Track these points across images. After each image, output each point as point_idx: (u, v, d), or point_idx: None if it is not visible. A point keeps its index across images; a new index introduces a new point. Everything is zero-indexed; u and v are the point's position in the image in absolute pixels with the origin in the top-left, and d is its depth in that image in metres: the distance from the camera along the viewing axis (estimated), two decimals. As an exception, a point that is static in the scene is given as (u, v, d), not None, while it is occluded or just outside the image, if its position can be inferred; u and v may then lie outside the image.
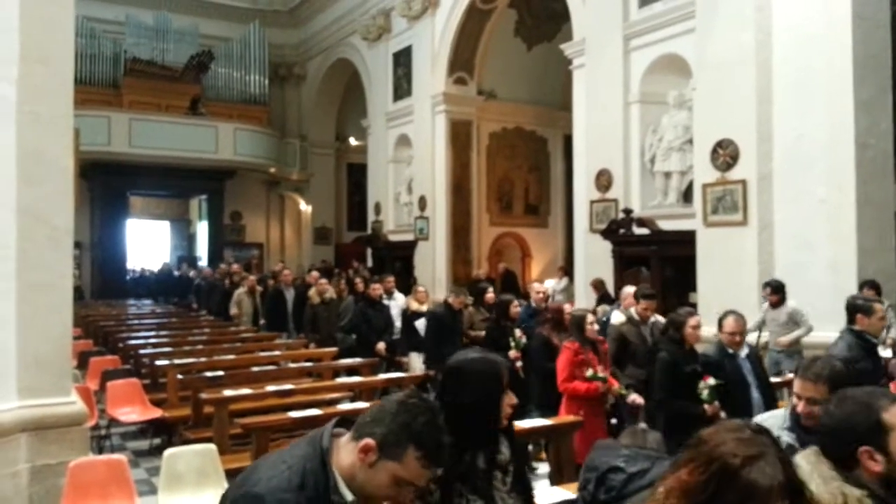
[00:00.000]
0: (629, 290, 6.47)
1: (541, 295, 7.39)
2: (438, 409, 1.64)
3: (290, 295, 10.56)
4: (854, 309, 4.30)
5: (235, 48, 19.33)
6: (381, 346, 7.86)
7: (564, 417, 4.90)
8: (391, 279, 9.43)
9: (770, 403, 4.24)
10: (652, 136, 9.66)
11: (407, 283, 10.97)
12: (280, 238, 20.79)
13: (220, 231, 19.40)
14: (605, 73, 10.04)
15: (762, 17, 7.78)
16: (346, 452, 1.59)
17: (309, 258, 19.50)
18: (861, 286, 6.88)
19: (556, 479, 4.60)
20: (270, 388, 6.14)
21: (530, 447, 5.81)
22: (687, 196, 9.19)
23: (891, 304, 6.98)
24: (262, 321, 10.79)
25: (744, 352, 4.33)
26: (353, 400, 6.48)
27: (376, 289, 8.41)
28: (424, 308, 8.34)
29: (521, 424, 4.68)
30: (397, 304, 8.88)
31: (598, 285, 9.65)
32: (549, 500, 3.31)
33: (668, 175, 9.51)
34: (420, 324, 7.93)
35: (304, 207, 20.54)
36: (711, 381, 4.21)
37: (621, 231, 9.67)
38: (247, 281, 11.35)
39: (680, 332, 4.52)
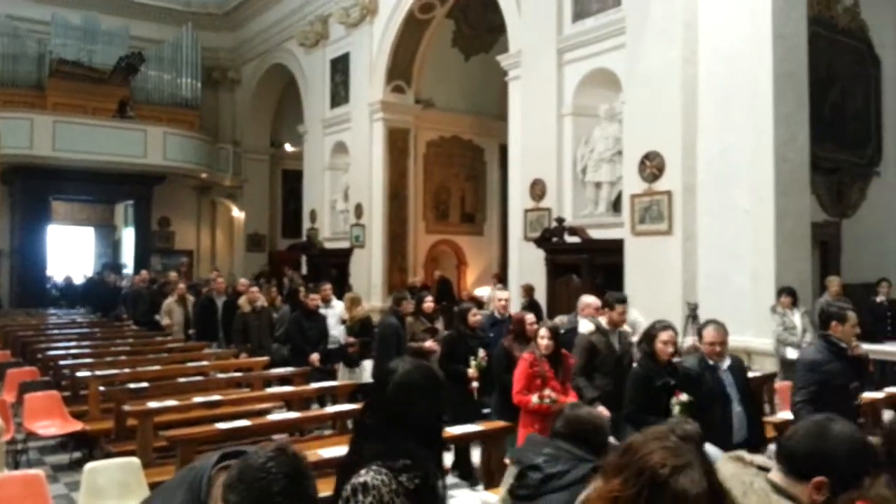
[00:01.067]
0: (588, 299, 6.23)
1: (502, 303, 7.10)
2: (303, 469, 1.46)
3: (221, 303, 10.30)
4: (829, 317, 4.39)
5: (167, 50, 18.81)
6: (314, 357, 7.64)
7: (496, 423, 4.94)
8: (328, 287, 9.28)
9: (754, 417, 4.15)
10: (584, 148, 9.89)
11: (342, 291, 10.83)
12: (211, 245, 20.29)
13: (148, 237, 18.78)
14: (539, 85, 10.23)
15: (688, 34, 8.09)
16: None
17: (241, 265, 19.08)
18: (779, 293, 7.22)
19: (487, 483, 4.63)
20: (197, 399, 5.97)
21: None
22: (616, 206, 9.44)
23: (806, 310, 7.34)
24: (191, 331, 10.49)
25: (725, 363, 4.14)
26: (287, 409, 6.37)
27: (314, 299, 8.21)
28: (345, 316, 8.39)
29: (454, 430, 4.70)
30: (335, 312, 8.66)
31: (527, 290, 9.80)
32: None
33: (598, 185, 9.74)
34: (339, 332, 8.03)
35: (237, 214, 20.12)
36: (683, 397, 4.08)
37: (554, 239, 9.84)
38: (177, 289, 11.03)
39: (651, 345, 4.39)
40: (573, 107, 9.92)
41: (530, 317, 5.60)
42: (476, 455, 5.62)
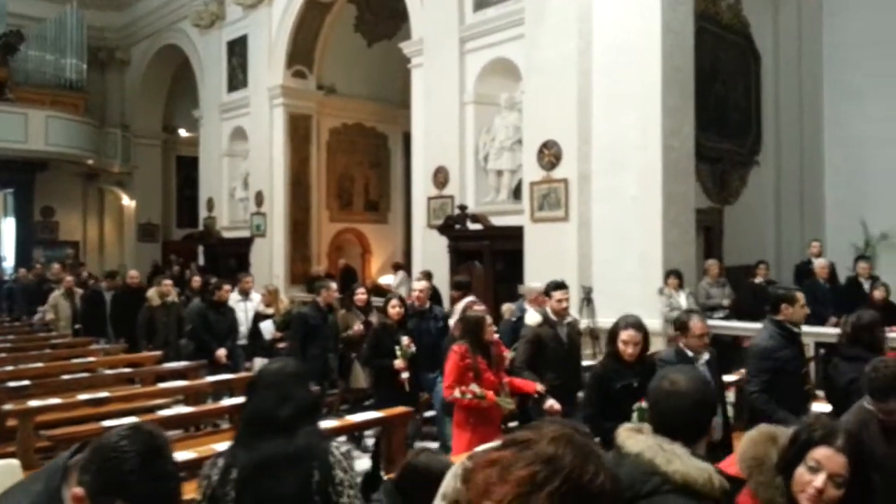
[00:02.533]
0: (533, 285, 5.89)
1: (419, 294, 6.64)
2: (158, 447, 1.43)
3: (108, 297, 9.81)
4: (778, 299, 4.24)
5: (49, 29, 17.53)
6: (221, 352, 7.26)
7: (395, 410, 4.95)
8: (249, 278, 8.82)
9: (723, 415, 3.89)
10: (485, 136, 10.02)
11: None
12: (99, 236, 19.23)
13: (30, 228, 17.59)
14: (441, 73, 10.27)
15: (583, 27, 8.33)
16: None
17: (133, 257, 18.19)
18: (666, 276, 7.60)
19: (388, 469, 4.64)
20: (83, 396, 5.67)
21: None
22: (517, 193, 9.63)
23: (690, 291, 7.77)
24: (78, 325, 9.93)
25: (704, 357, 3.86)
26: (185, 404, 6.15)
27: (227, 290, 7.68)
28: (270, 310, 7.83)
29: (354, 417, 4.68)
30: (254, 305, 8.28)
31: (426, 277, 9.87)
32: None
33: (500, 173, 9.91)
34: (266, 326, 7.43)
35: (128, 202, 19.14)
36: (645, 404, 3.67)
37: (457, 227, 9.94)
38: (64, 282, 10.37)
39: (614, 344, 3.97)
40: (475, 95, 10.02)
41: (489, 318, 5.04)
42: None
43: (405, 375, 5.49)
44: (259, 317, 7.57)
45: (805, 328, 7.66)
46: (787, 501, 1.84)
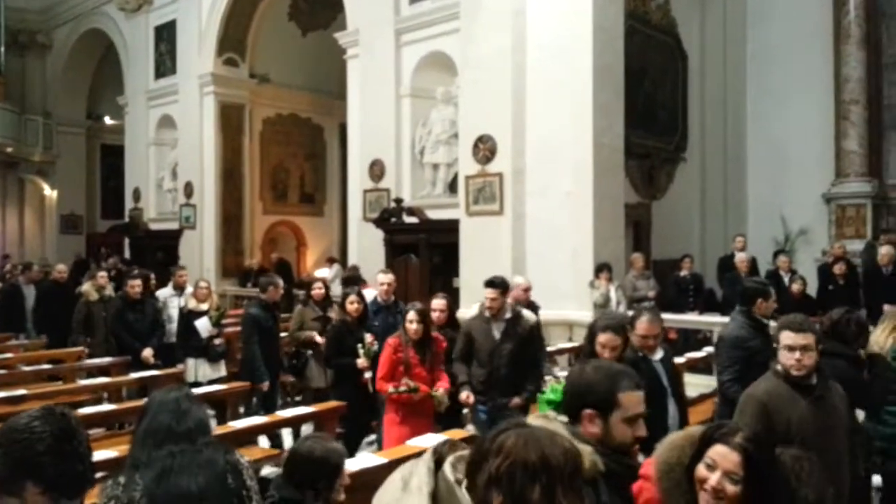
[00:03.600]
0: (517, 280, 5.73)
1: (386, 287, 6.31)
2: (72, 428, 1.42)
3: (29, 291, 9.33)
4: (755, 293, 4.36)
5: (-39, 8, 16.61)
6: (147, 352, 6.86)
7: (328, 404, 4.92)
8: (184, 272, 8.33)
9: (683, 412, 3.76)
10: (422, 129, 10.02)
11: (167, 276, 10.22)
12: (18, 227, 18.32)
13: (-57, 219, 16.64)
14: (378, 65, 10.20)
15: (518, 23, 8.41)
16: None
17: (55, 249, 17.43)
18: (597, 269, 7.78)
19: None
20: (0, 394, 5.41)
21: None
22: (453, 187, 9.67)
23: (619, 284, 7.99)
24: None
25: (658, 355, 3.73)
26: (108, 402, 5.94)
27: (134, 286, 7.12)
28: (205, 306, 7.08)
29: (284, 413, 4.62)
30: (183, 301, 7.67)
31: (352, 271, 9.90)
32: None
33: (436, 167, 9.92)
34: (202, 324, 6.79)
35: (49, 192, 18.31)
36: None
37: (393, 220, 9.92)
38: None
39: (592, 346, 3.65)
40: (411, 88, 10.00)
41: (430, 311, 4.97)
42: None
43: (368, 375, 5.21)
44: (192, 314, 6.92)
45: (725, 319, 8.04)
46: (692, 500, 1.88)
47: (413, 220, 9.73)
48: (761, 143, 12.17)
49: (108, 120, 18.52)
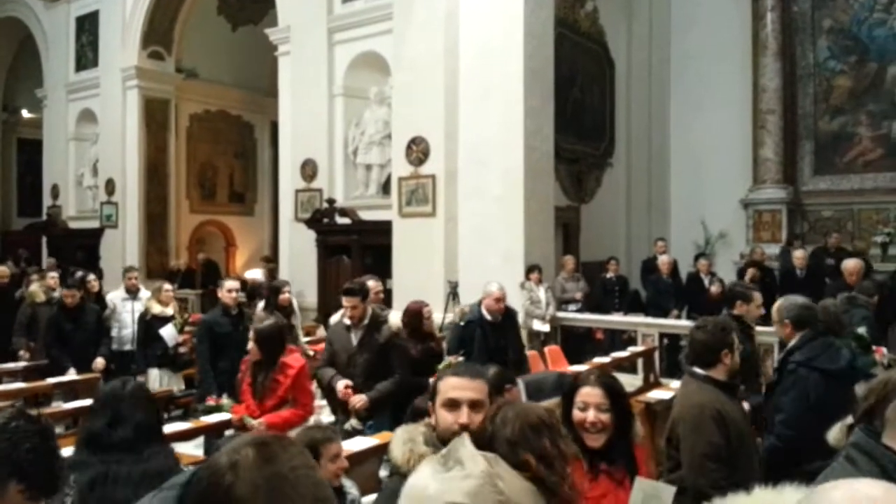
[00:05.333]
0: (490, 288, 5.35)
1: (376, 294, 5.78)
2: (50, 428, 1.47)
3: None
4: (734, 296, 4.46)
5: None
6: (98, 362, 6.38)
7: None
8: (135, 273, 7.67)
9: None
10: (355, 130, 9.96)
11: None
12: (-76, 224, 17.26)
13: None
14: (310, 63, 10.08)
15: (450, 25, 8.47)
16: None
17: (-35, 248, 16.48)
18: (528, 271, 7.92)
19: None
20: None
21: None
22: (386, 188, 9.65)
23: (549, 286, 8.15)
24: None
25: None
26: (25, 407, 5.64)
27: (70, 295, 6.50)
28: (170, 311, 6.59)
29: (209, 419, 4.52)
30: (140, 306, 7.10)
31: (269, 271, 10.17)
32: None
33: (369, 167, 9.88)
34: (168, 331, 6.34)
35: (-40, 188, 17.31)
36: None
37: (325, 220, 9.83)
38: None
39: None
40: (344, 88, 9.93)
41: (427, 309, 4.98)
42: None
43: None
44: (156, 320, 6.39)
45: (649, 319, 8.34)
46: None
47: (345, 221, 9.67)
48: (684, 150, 12.64)
49: (25, 113, 17.62)
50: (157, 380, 6.26)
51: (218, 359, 5.45)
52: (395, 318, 4.68)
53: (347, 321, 4.60)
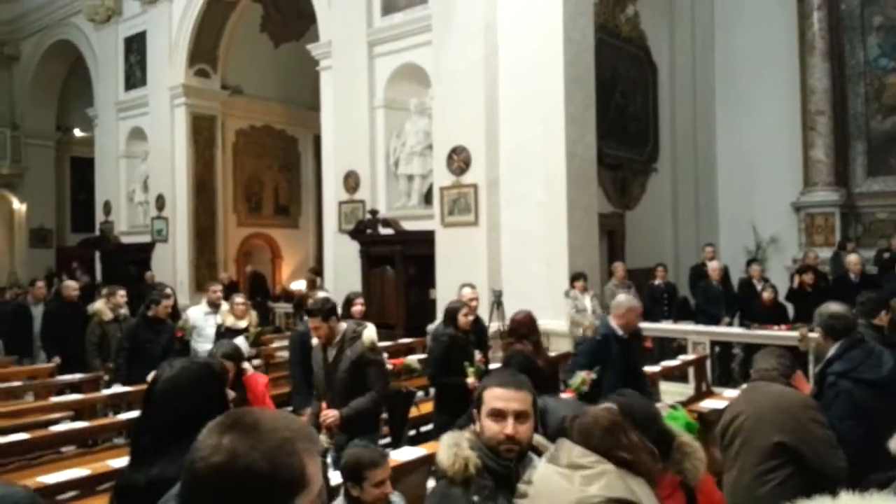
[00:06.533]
0: (621, 298, 4.90)
1: (475, 302, 5.80)
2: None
3: (38, 312, 8.54)
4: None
5: (-75, 19, 16.29)
6: None
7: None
8: (218, 287, 7.46)
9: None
10: (396, 141, 10.02)
11: (139, 290, 10.07)
12: (-14, 241, 17.96)
13: None
14: (351, 76, 10.19)
15: (490, 35, 8.48)
16: None
17: (24, 264, 17.11)
18: (572, 279, 7.83)
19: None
20: (-34, 414, 5.29)
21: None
22: (428, 198, 9.69)
23: (595, 294, 8.04)
24: None
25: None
26: (80, 418, 5.81)
27: (167, 306, 6.40)
28: (243, 323, 6.59)
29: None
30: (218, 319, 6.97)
31: (311, 281, 10.34)
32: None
33: (410, 178, 9.93)
34: (240, 343, 6.45)
35: (18, 206, 17.97)
36: None
37: (368, 231, 9.90)
38: None
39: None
40: (385, 100, 10.00)
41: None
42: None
43: None
44: (230, 332, 6.25)
45: (700, 327, 8.16)
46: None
47: (388, 231, 9.72)
48: (731, 153, 12.38)
49: (77, 132, 18.25)
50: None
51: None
52: (370, 333, 4.34)
53: (315, 339, 4.51)
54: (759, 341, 7.30)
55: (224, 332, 6.35)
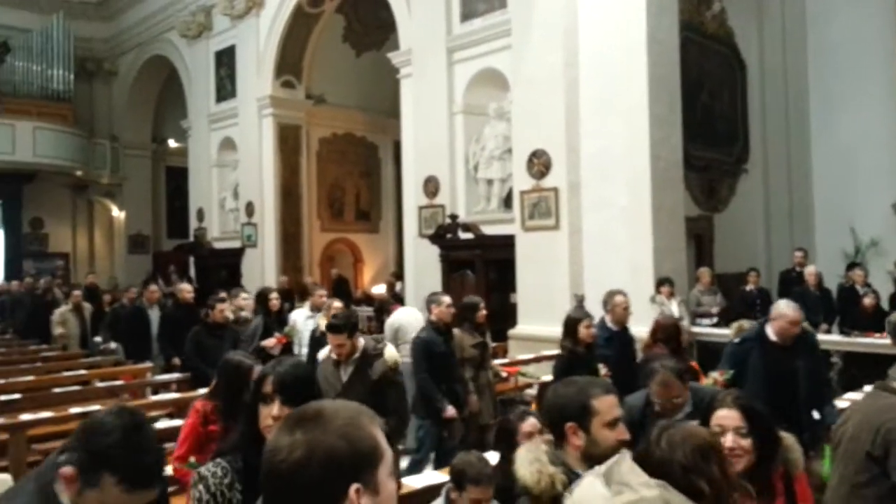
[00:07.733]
0: (782, 307, 4.48)
1: (625, 311, 5.60)
2: (138, 423, 1.52)
3: (154, 315, 8.71)
4: None
5: (36, 40, 17.46)
6: None
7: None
8: (323, 292, 7.47)
9: None
10: (475, 146, 10.06)
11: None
12: (89, 247, 19.11)
13: (19, 240, 17.47)
14: (430, 83, 10.31)
15: (569, 39, 8.39)
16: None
17: (123, 268, 18.13)
18: (658, 284, 7.64)
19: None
20: (75, 410, 5.63)
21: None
22: (507, 202, 9.66)
23: (682, 299, 7.82)
24: (97, 338, 9.44)
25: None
26: (170, 417, 6.10)
27: (221, 310, 6.43)
28: None
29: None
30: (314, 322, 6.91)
31: (390, 285, 10.55)
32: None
33: (490, 182, 9.94)
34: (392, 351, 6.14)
35: (117, 214, 19.07)
36: None
37: (448, 236, 9.96)
38: (72, 297, 10.10)
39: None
40: (464, 105, 10.06)
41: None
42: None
43: None
44: (322, 336, 5.96)
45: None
46: None
47: (468, 235, 9.76)
48: (827, 151, 11.75)
49: (172, 143, 19.20)
50: None
51: (439, 379, 5.26)
52: (392, 352, 4.14)
53: (334, 356, 4.25)
54: (859, 349, 6.93)
55: (319, 337, 6.23)
